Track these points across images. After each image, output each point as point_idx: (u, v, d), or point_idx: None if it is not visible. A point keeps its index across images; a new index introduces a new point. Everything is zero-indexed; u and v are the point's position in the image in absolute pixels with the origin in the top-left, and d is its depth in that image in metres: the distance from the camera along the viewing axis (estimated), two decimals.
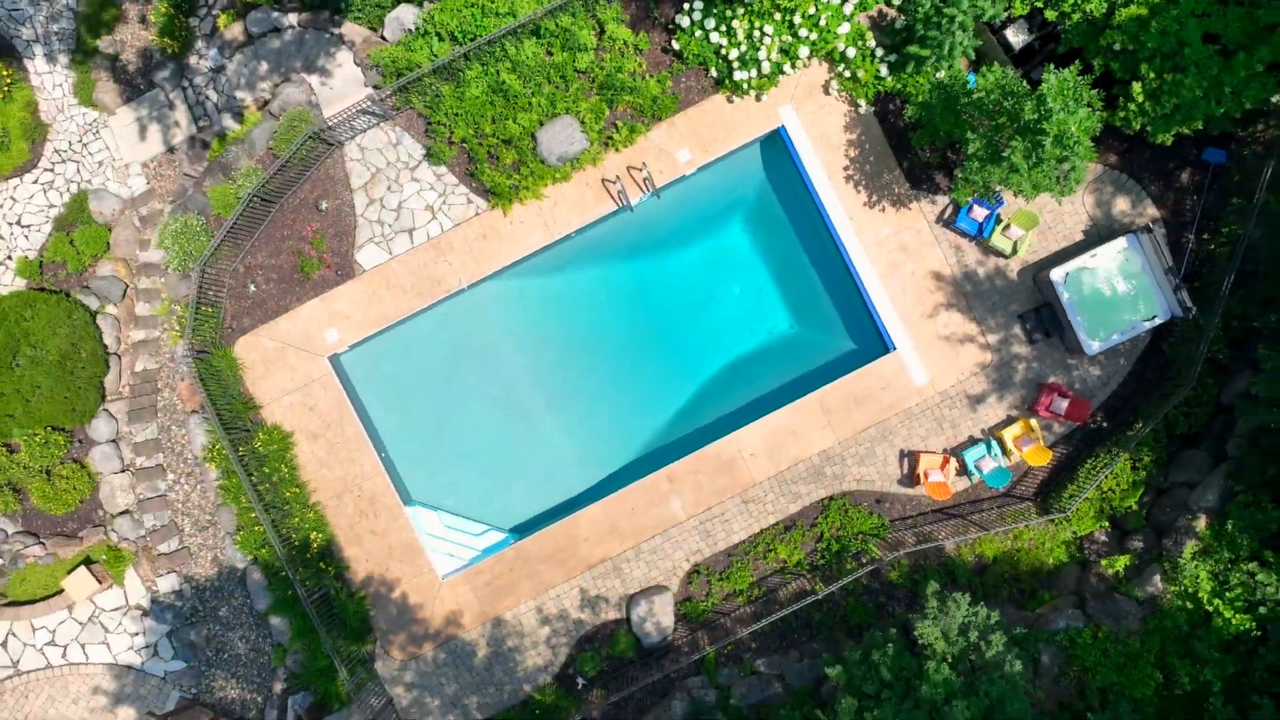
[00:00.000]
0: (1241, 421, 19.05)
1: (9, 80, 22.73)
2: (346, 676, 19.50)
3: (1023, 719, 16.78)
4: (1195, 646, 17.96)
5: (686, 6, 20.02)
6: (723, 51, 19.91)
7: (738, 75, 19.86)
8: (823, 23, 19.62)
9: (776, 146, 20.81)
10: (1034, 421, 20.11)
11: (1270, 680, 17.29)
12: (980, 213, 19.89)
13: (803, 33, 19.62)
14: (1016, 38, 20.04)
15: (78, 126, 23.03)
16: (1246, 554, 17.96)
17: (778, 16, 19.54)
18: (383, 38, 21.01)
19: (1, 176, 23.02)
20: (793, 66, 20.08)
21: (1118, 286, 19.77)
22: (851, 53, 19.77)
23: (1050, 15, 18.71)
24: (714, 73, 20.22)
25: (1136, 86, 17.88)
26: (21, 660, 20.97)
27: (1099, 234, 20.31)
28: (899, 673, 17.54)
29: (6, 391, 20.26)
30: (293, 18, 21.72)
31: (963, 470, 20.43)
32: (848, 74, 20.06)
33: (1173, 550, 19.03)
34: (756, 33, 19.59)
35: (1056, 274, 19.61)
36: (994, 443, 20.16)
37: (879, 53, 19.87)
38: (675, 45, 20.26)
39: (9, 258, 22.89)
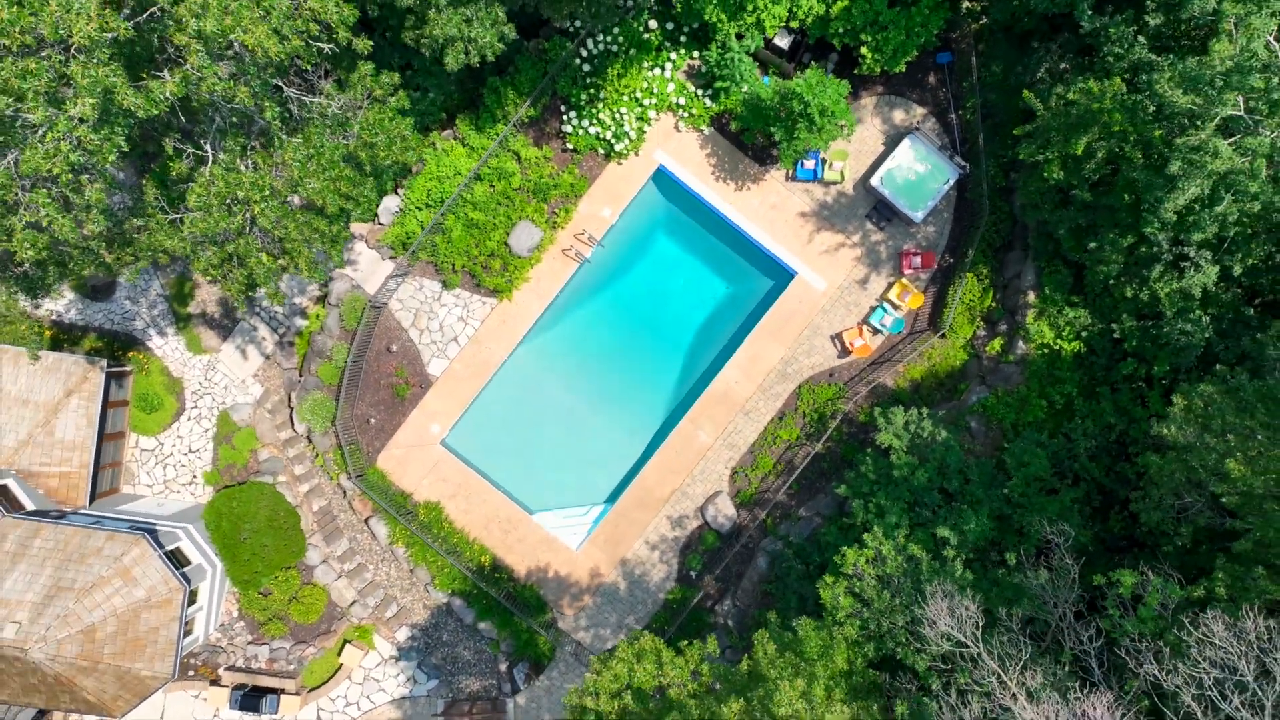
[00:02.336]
0: (1027, 221, 27.83)
1: (145, 361, 31.70)
2: (547, 636, 28.46)
3: (963, 464, 25.70)
4: (1056, 374, 26.77)
5: (565, 117, 28.89)
6: (601, 135, 28.78)
7: (618, 147, 28.73)
8: (655, 89, 28.48)
9: (663, 179, 29.67)
10: (905, 279, 28.92)
11: (1105, 375, 26.13)
12: (809, 163, 28.73)
13: (646, 101, 28.49)
14: (782, 41, 28.76)
15: (200, 370, 31.94)
16: (1062, 303, 26.75)
17: (625, 98, 28.41)
18: (380, 223, 29.92)
19: (165, 426, 31.97)
20: (649, 125, 28.92)
21: (917, 169, 28.52)
22: (682, 100, 28.64)
23: (794, 24, 27.46)
24: (602, 151, 29.11)
25: (864, 49, 26.70)
26: None
27: (892, 141, 29.10)
28: (879, 471, 26.41)
29: (248, 556, 29.25)
30: None
31: (874, 331, 29.24)
32: (685, 114, 28.92)
33: (1022, 321, 27.79)
34: (617, 115, 28.46)
35: (874, 180, 28.41)
36: (885, 304, 28.97)
37: (699, 92, 28.72)
38: (569, 145, 29.13)
39: (195, 477, 31.85)
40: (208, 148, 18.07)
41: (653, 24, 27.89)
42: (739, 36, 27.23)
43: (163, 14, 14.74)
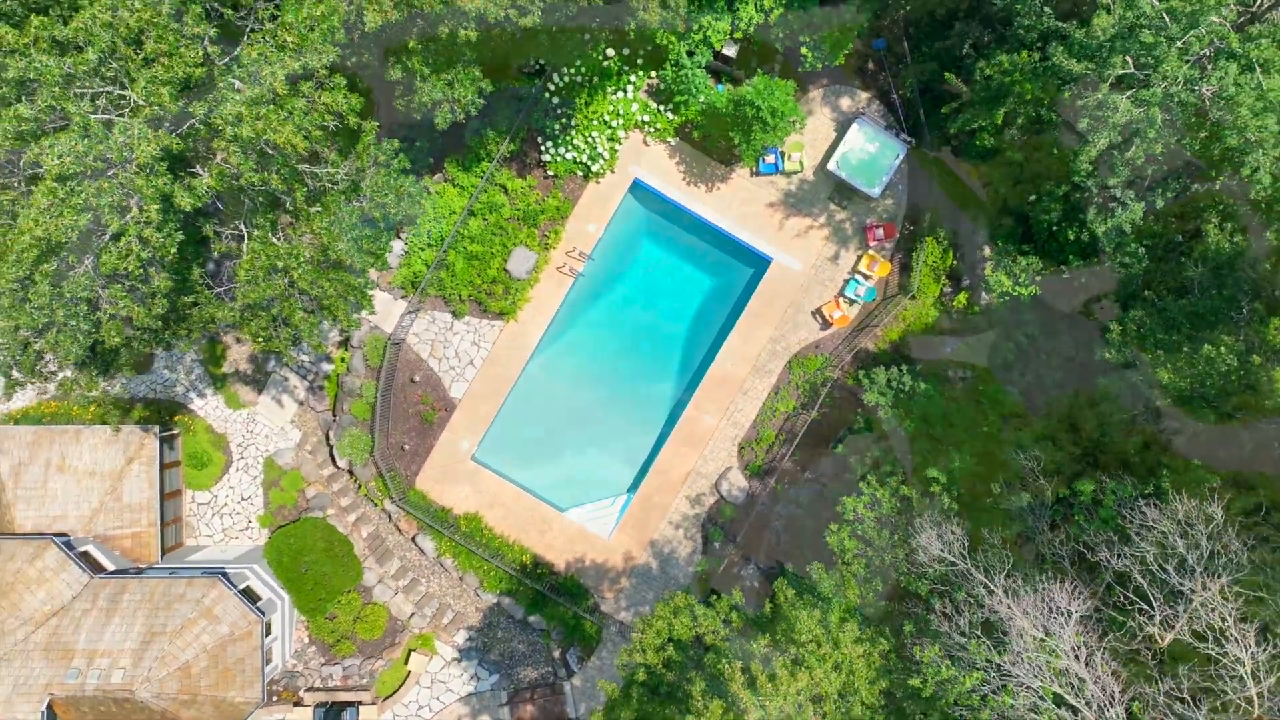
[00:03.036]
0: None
1: (190, 423, 34.41)
2: (592, 620, 31.17)
3: (944, 411, 28.33)
4: (1018, 317, 29.38)
5: (542, 147, 31.58)
6: (578, 159, 31.45)
7: (594, 167, 31.41)
8: (621, 111, 31.15)
9: (640, 190, 32.37)
10: (871, 251, 31.56)
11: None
12: (770, 158, 31.38)
13: (614, 123, 31.16)
14: (730, 51, 31.38)
15: (241, 424, 34.64)
16: (1015, 253, 29.37)
17: (595, 122, 31.08)
18: (389, 267, 32.61)
19: (217, 480, 34.68)
20: (620, 143, 31.59)
21: (869, 149, 31.14)
22: (646, 117, 31.32)
23: (738, 35, 30.10)
24: (580, 173, 31.79)
25: (804, 49, 29.35)
26: None
27: (842, 127, 31.72)
28: (871, 427, 29.07)
29: (311, 586, 31.98)
30: None
31: (850, 302, 31.89)
32: (651, 129, 31.59)
33: (982, 274, 30.41)
34: (589, 139, 31.13)
35: (831, 164, 31.05)
36: (857, 276, 31.62)
37: (661, 108, 31.39)
38: (550, 172, 31.82)
39: (250, 522, 34.56)
40: (241, 226, 20.77)
41: (610, 52, 30.54)
42: (690, 54, 29.87)
43: (200, 123, 17.43)
